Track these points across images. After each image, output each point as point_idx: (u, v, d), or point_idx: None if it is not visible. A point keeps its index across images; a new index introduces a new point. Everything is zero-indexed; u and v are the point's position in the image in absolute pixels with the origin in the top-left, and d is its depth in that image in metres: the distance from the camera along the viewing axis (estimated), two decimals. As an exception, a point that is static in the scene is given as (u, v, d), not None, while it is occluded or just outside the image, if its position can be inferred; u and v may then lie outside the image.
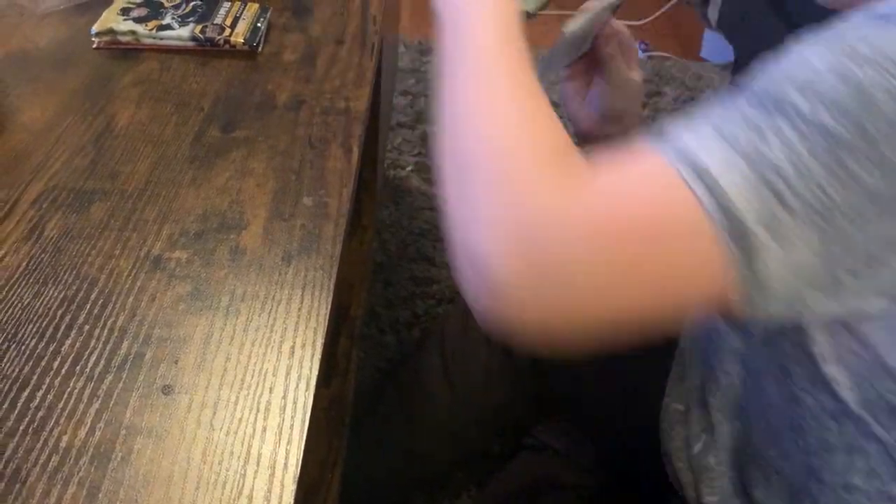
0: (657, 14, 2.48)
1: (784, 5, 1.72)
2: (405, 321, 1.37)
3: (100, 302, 0.52)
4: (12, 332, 0.50)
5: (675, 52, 2.34)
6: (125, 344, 0.50)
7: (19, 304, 0.52)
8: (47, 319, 0.51)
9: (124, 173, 0.63)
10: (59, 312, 0.51)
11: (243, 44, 0.78)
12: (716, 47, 2.26)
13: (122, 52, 0.77)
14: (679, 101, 2.09)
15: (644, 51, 2.30)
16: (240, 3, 0.83)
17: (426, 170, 1.76)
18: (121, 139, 0.66)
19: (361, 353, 1.25)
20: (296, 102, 0.73)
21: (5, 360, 0.48)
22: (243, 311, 0.53)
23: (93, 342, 0.50)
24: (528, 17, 0.61)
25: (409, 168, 1.77)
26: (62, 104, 0.70)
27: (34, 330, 0.50)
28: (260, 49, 0.79)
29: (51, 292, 0.53)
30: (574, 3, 0.85)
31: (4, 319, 0.50)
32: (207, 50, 0.78)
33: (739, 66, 2.00)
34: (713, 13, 2.12)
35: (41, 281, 0.53)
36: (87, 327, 0.51)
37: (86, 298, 0.53)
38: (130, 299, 0.53)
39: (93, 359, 0.49)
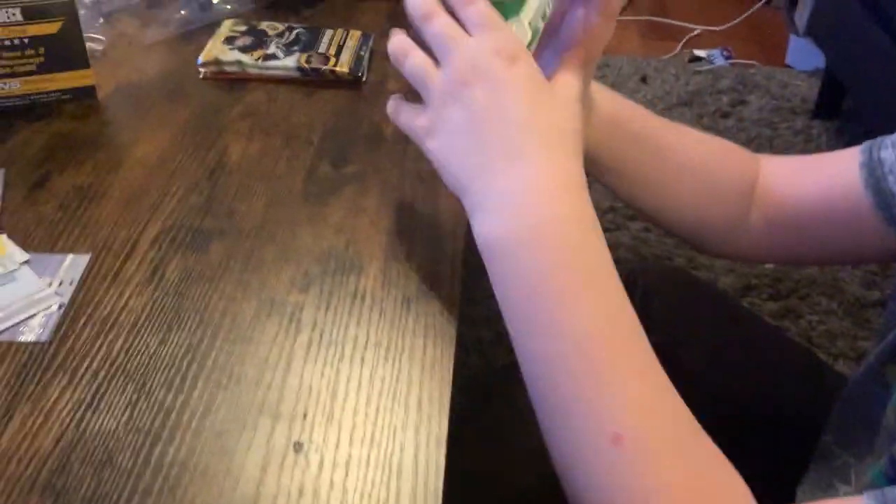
0: (740, 18, 2.41)
1: (883, 9, 1.64)
2: (489, 340, 1.35)
3: (224, 349, 0.52)
4: (141, 381, 0.49)
5: (759, 58, 2.27)
6: (253, 395, 0.49)
7: (146, 352, 0.51)
8: (174, 369, 0.50)
9: (240, 211, 0.62)
10: (186, 361, 0.51)
11: (348, 73, 0.77)
12: (803, 54, 2.18)
13: (229, 82, 0.77)
14: (764, 110, 2.02)
15: (726, 57, 2.23)
16: (342, 30, 0.82)
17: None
18: (234, 175, 0.66)
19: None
20: (403, 134, 0.72)
21: (136, 413, 0.47)
22: (368, 360, 0.51)
23: (220, 394, 0.49)
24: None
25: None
26: (174, 138, 0.70)
27: (162, 380, 0.49)
28: (364, 78, 0.78)
29: (176, 338, 0.52)
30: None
31: (133, 368, 0.50)
32: (312, 80, 0.77)
33: (832, 74, 1.92)
34: (801, 18, 2.05)
35: (166, 326, 0.53)
36: (213, 376, 0.50)
37: (210, 346, 0.52)
38: (254, 346, 0.52)
39: (221, 412, 0.48)
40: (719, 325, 0.83)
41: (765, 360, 0.80)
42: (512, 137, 0.47)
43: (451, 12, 0.50)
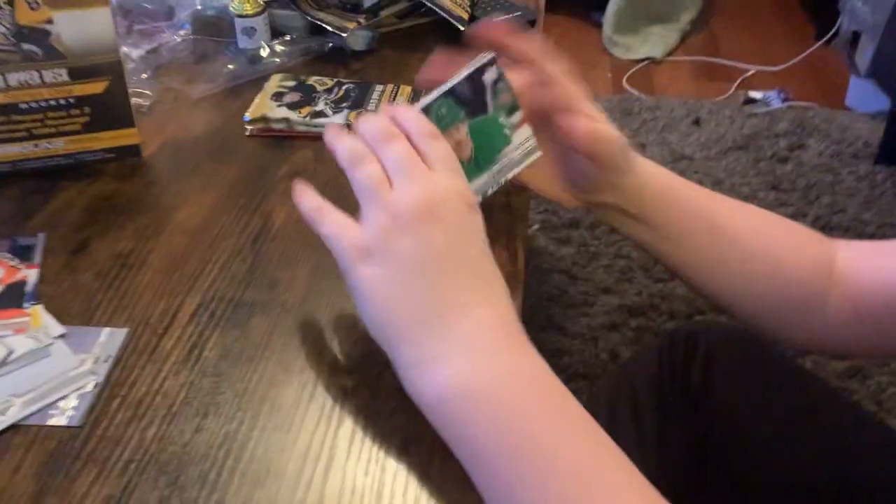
0: (797, 59, 2.34)
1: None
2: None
3: (263, 440, 0.48)
4: (174, 475, 0.46)
5: (817, 100, 2.20)
6: (292, 495, 0.45)
7: (180, 441, 0.48)
8: (209, 462, 0.47)
9: (283, 281, 0.59)
10: (222, 453, 0.47)
11: (399, 132, 0.74)
12: (865, 95, 2.11)
13: (276, 139, 0.75)
14: (824, 154, 1.94)
15: (783, 99, 2.17)
16: (392, 85, 0.79)
17: (553, 228, 1.69)
18: (278, 241, 0.63)
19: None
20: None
21: (168, 512, 0.44)
22: (417, 456, 0.47)
23: (257, 492, 0.45)
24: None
25: (535, 227, 1.71)
26: (218, 200, 0.67)
27: (196, 475, 0.46)
28: (415, 136, 0.75)
29: (212, 426, 0.49)
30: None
31: (166, 459, 0.47)
32: (361, 138, 0.74)
33: (896, 118, 1.85)
34: (862, 58, 1.98)
35: (202, 412, 0.50)
36: (251, 470, 0.46)
37: (248, 435, 0.48)
38: (293, 436, 0.48)
39: (259, 515, 0.44)
40: (784, 392, 0.78)
41: (834, 432, 0.74)
42: (469, 290, 0.45)
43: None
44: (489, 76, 0.54)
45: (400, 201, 0.45)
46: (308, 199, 0.50)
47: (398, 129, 0.48)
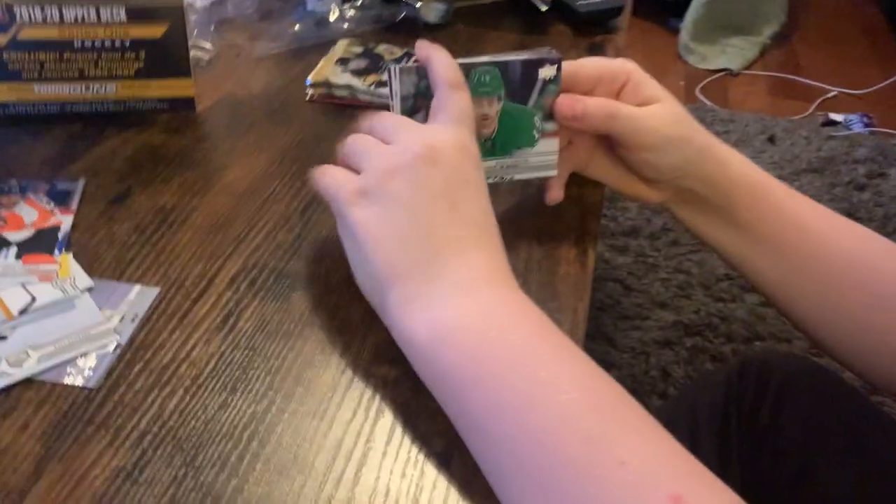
0: (883, 84, 2.23)
1: None
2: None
3: (293, 424, 0.43)
4: (192, 453, 0.41)
5: (902, 128, 2.08)
6: (319, 491, 0.40)
7: (203, 416, 0.43)
8: (231, 442, 0.42)
9: (331, 256, 0.54)
10: (247, 434, 0.43)
11: (468, 109, 0.68)
12: (954, 127, 1.98)
13: (337, 106, 0.70)
14: (906, 185, 1.83)
15: (866, 124, 2.06)
16: (465, 60, 0.74)
17: (611, 234, 1.62)
18: (329, 213, 0.57)
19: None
20: (520, 184, 0.63)
21: (181, 494, 0.40)
22: (460, 461, 0.42)
23: (281, 483, 0.40)
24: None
25: (592, 231, 1.64)
26: (270, 164, 0.63)
27: (216, 455, 0.41)
28: (485, 115, 0.70)
29: (239, 403, 0.44)
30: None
31: (186, 434, 0.42)
32: (427, 112, 0.69)
33: None
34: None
35: (230, 387, 0.45)
36: (275, 458, 0.41)
37: (277, 418, 0.44)
38: (327, 425, 0.43)
39: (280, 508, 0.39)
40: (866, 442, 0.70)
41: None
42: (461, 231, 0.44)
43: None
44: (545, 73, 0.53)
45: (397, 150, 0.45)
46: (319, 168, 0.50)
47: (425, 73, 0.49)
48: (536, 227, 0.58)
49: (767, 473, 0.70)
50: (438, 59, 0.49)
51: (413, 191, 0.44)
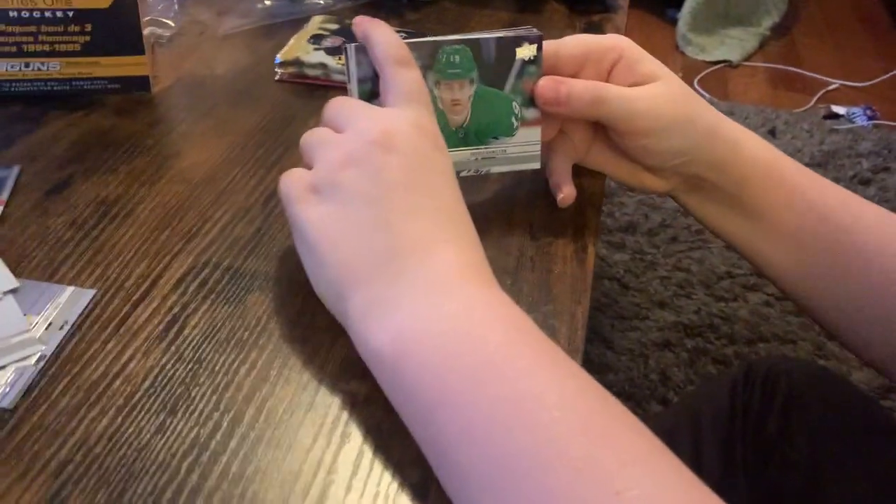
0: (885, 77, 2.17)
1: None
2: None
3: (241, 453, 0.37)
4: (119, 487, 0.35)
5: (906, 121, 2.02)
6: (268, 534, 0.34)
7: (135, 443, 0.37)
8: (167, 474, 0.36)
9: (295, 252, 0.48)
10: (185, 465, 0.36)
11: (454, 90, 0.62)
12: (961, 120, 1.93)
13: (309, 87, 0.63)
14: (912, 180, 1.77)
15: (870, 117, 2.00)
16: (452, 38, 0.68)
17: (607, 231, 1.56)
18: (295, 204, 0.52)
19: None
20: (514, 174, 0.56)
21: (101, 539, 0.33)
22: (434, 492, 0.36)
23: (223, 525, 0.34)
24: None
25: (588, 227, 1.57)
26: (231, 149, 0.56)
27: (147, 489, 0.35)
28: (472, 98, 0.63)
29: (179, 427, 0.38)
30: None
31: (113, 465, 0.36)
32: (409, 94, 0.62)
33: None
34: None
35: (169, 407, 0.39)
36: (218, 496, 0.35)
37: (223, 444, 0.37)
38: (282, 455, 0.37)
39: (220, 555, 0.33)
40: (880, 455, 0.65)
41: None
42: (427, 225, 0.39)
43: None
44: (524, 53, 0.47)
45: (348, 138, 0.40)
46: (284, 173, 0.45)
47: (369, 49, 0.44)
48: (529, 221, 0.52)
49: (775, 486, 0.65)
50: (380, 35, 0.44)
51: (367, 181, 0.39)
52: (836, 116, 2.03)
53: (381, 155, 0.39)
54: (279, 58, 0.64)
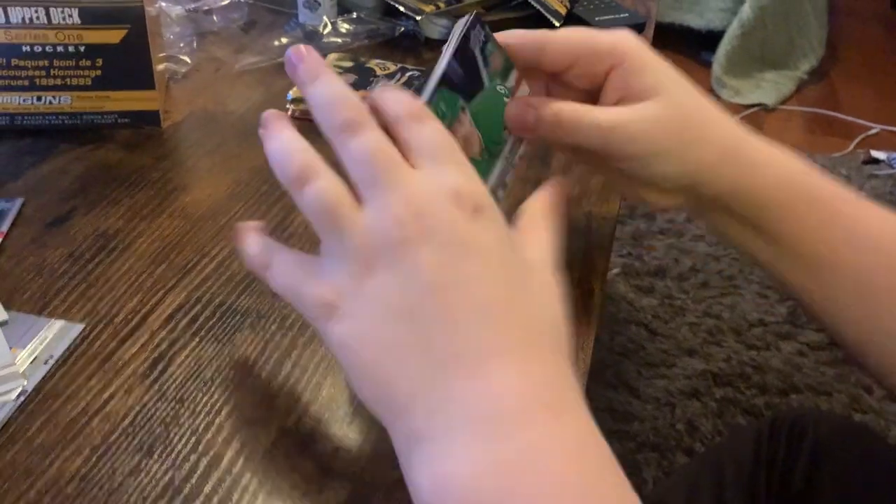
0: (928, 121, 2.12)
1: None
2: None
3: (216, 499, 0.35)
4: (85, 532, 0.34)
5: (950, 168, 1.96)
6: (234, 587, 0.32)
7: (108, 485, 0.36)
8: (137, 519, 0.34)
9: (289, 291, 0.47)
10: (156, 509, 0.35)
11: (464, 129, 0.61)
12: None
13: (319, 124, 0.63)
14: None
15: (910, 163, 1.95)
16: (466, 77, 0.67)
17: (636, 274, 1.53)
18: (295, 241, 0.51)
19: None
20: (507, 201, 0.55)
21: (60, 587, 0.32)
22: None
23: (188, 576, 0.32)
24: None
25: (616, 270, 1.54)
26: (236, 185, 0.56)
27: (114, 536, 0.34)
28: (483, 137, 0.62)
29: (154, 469, 0.36)
30: None
31: (81, 506, 0.35)
32: (419, 132, 0.62)
33: None
34: None
35: (146, 448, 0.37)
36: (187, 542, 0.33)
37: (197, 489, 0.36)
38: (259, 501, 0.35)
39: None
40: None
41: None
42: (475, 334, 0.30)
43: (385, 128, 0.34)
44: (475, 41, 0.42)
45: (368, 227, 0.32)
46: (252, 243, 0.37)
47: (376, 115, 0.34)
48: (534, 263, 0.50)
49: None
50: (385, 98, 0.35)
51: (397, 289, 0.31)
52: (875, 161, 1.98)
53: (409, 250, 0.31)
54: (291, 94, 0.64)
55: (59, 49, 0.55)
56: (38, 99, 0.57)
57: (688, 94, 0.44)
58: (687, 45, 2.44)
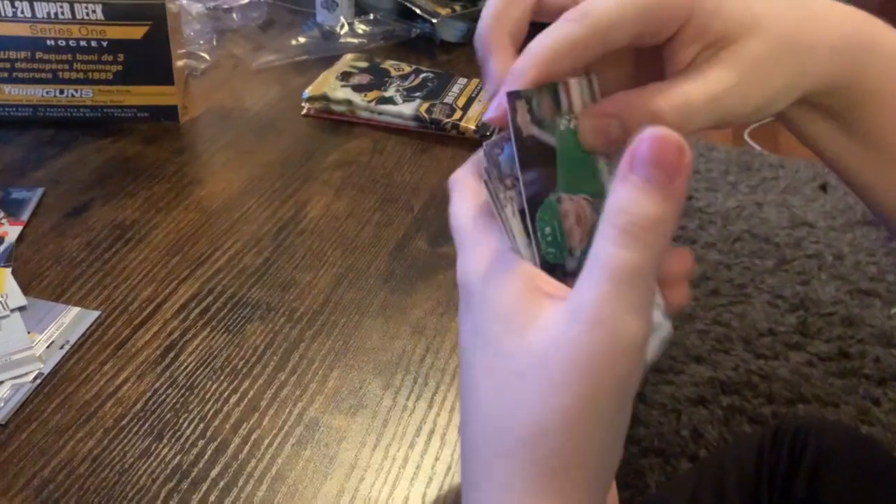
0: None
1: None
2: None
3: (221, 483, 0.36)
4: (96, 510, 0.35)
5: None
6: (237, 568, 0.33)
7: (119, 465, 0.37)
8: (147, 498, 0.35)
9: (300, 283, 0.48)
10: (165, 491, 0.36)
11: (474, 131, 0.62)
12: None
13: (334, 123, 0.64)
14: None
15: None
16: (478, 81, 0.68)
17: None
18: (306, 236, 0.52)
19: None
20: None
21: (70, 561, 0.33)
22: (415, 542, 0.35)
23: (193, 555, 0.33)
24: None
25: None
26: (250, 180, 0.57)
27: (123, 515, 0.35)
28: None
29: (163, 452, 0.38)
30: None
31: (95, 486, 0.36)
32: (430, 133, 0.63)
33: None
34: None
35: (156, 431, 0.38)
36: (194, 523, 0.35)
37: (204, 473, 0.37)
38: (263, 488, 0.36)
39: (186, 586, 0.32)
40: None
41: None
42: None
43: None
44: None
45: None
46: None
47: None
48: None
49: None
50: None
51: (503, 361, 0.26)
52: None
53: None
54: (307, 93, 0.65)
55: (83, 43, 0.57)
56: (61, 92, 0.59)
57: (784, 4, 0.34)
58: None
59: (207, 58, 0.70)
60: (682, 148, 0.24)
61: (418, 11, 0.76)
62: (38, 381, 0.40)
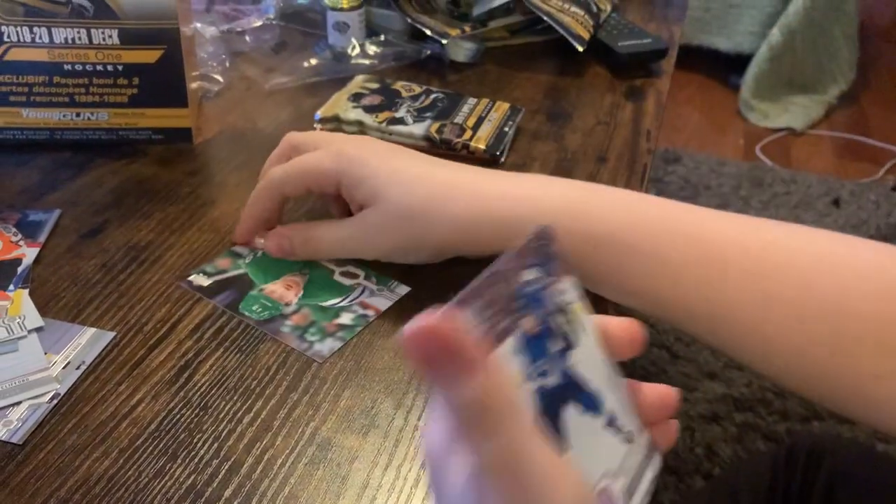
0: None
1: None
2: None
3: (236, 502, 0.37)
4: (111, 530, 0.35)
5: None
6: (250, 588, 0.33)
7: (134, 486, 0.37)
8: (160, 519, 0.36)
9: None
10: (178, 511, 0.36)
11: (484, 151, 0.62)
12: None
13: (345, 143, 0.65)
14: None
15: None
16: (488, 101, 0.68)
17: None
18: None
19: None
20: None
21: (86, 582, 0.33)
22: None
23: (207, 575, 0.34)
24: None
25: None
26: (263, 200, 0.57)
27: (138, 535, 0.35)
28: (503, 158, 0.64)
29: (177, 473, 0.38)
30: None
31: (108, 507, 0.36)
32: (441, 153, 0.63)
33: None
34: None
35: (170, 452, 0.39)
36: (207, 543, 0.35)
37: (218, 494, 0.37)
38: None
39: None
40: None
41: None
42: None
43: None
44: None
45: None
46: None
47: None
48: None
49: None
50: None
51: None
52: (904, 188, 1.97)
53: None
54: (319, 114, 0.66)
55: (99, 68, 0.58)
56: (77, 115, 0.60)
57: (408, 193, 0.46)
58: (715, 69, 2.44)
59: (221, 80, 0.71)
60: (430, 332, 0.22)
61: (429, 32, 0.77)
62: (55, 401, 0.41)
